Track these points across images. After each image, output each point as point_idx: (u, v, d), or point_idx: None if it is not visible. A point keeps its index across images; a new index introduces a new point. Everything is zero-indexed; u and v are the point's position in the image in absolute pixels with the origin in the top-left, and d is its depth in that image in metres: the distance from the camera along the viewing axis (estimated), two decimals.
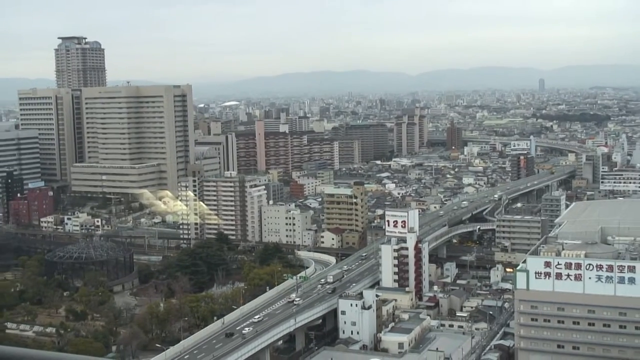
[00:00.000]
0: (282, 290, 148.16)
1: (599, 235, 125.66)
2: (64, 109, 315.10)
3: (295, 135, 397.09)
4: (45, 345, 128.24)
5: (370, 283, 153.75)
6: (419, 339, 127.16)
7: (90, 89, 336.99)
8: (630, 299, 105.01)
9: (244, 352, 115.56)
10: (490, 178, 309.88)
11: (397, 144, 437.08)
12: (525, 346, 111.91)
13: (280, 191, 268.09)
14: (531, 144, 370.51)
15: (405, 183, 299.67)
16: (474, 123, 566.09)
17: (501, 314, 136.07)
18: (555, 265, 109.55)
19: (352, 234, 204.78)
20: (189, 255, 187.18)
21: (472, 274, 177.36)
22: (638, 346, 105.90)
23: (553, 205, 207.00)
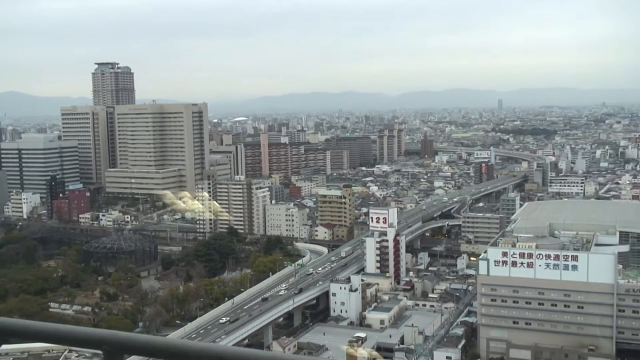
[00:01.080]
0: (282, 276, 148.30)
1: (548, 230, 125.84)
2: (99, 123, 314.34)
3: (294, 145, 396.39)
4: (82, 322, 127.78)
5: (356, 269, 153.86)
6: (397, 317, 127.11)
7: (121, 106, 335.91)
8: (573, 283, 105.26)
9: (250, 328, 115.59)
10: (457, 182, 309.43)
11: (380, 153, 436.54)
12: (486, 322, 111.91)
13: (281, 192, 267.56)
14: (491, 154, 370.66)
15: (386, 186, 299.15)
16: (443, 136, 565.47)
17: (466, 296, 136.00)
18: (511, 255, 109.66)
19: (342, 229, 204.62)
20: (204, 246, 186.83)
21: (441, 262, 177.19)
22: (580, 322, 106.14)
23: (509, 205, 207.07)
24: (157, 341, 5.19)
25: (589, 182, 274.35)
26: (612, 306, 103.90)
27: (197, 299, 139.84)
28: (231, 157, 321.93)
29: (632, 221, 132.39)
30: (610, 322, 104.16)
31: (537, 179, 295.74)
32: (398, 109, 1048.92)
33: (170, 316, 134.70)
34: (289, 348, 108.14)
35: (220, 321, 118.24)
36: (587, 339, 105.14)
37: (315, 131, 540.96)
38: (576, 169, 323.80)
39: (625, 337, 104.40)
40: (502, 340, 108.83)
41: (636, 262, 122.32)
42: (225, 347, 5.24)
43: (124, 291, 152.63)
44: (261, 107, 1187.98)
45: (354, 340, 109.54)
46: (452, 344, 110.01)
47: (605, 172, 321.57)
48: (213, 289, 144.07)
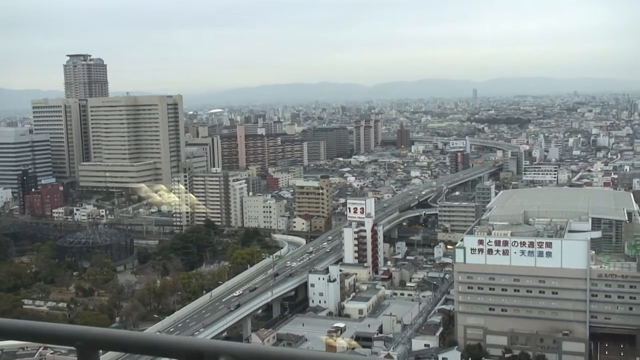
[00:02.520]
0: (260, 267, 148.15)
1: (522, 218, 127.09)
2: (72, 116, 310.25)
3: (270, 137, 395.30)
4: (57, 318, 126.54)
5: (334, 260, 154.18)
6: (375, 306, 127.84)
7: (94, 99, 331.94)
8: (547, 269, 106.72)
9: (229, 320, 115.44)
10: (433, 171, 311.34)
11: (356, 144, 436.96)
12: (463, 310, 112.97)
13: (258, 184, 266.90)
14: (466, 143, 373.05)
15: (363, 176, 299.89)
16: (419, 126, 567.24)
17: (443, 284, 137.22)
18: (487, 243, 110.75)
19: (319, 219, 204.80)
20: (181, 239, 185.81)
21: (419, 251, 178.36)
22: (554, 308, 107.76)
23: (484, 193, 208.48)
24: (133, 336, 5.13)
25: (562, 170, 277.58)
26: (585, 291, 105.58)
27: (175, 292, 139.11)
28: (207, 149, 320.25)
29: (603, 208, 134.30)
30: (584, 307, 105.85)
31: (512, 168, 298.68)
32: (374, 99, 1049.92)
33: (148, 310, 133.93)
34: (268, 339, 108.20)
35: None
36: (562, 324, 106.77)
37: (292, 122, 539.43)
38: (549, 157, 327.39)
39: (598, 321, 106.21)
40: (478, 327, 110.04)
41: (608, 247, 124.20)
42: (202, 340, 5.21)
43: (100, 286, 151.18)
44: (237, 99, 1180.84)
45: (333, 330, 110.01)
46: (430, 331, 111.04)
47: (577, 160, 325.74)
48: (190, 282, 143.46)
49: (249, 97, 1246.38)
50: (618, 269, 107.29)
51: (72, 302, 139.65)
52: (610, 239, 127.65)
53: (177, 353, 5.02)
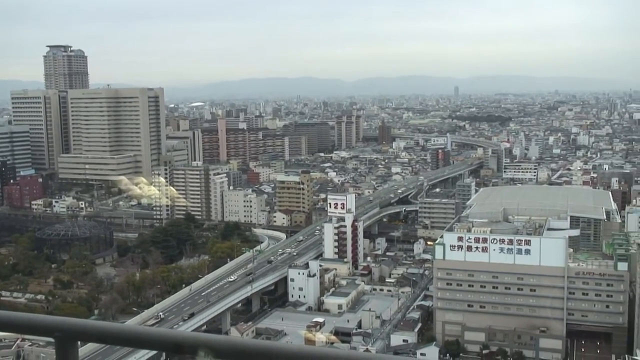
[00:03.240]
0: (240, 262, 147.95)
1: (502, 215, 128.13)
2: (51, 108, 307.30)
3: (252, 131, 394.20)
4: (35, 310, 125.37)
5: (314, 255, 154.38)
6: (355, 301, 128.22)
7: (74, 90, 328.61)
8: (526, 267, 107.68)
9: (208, 314, 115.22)
10: (414, 168, 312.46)
11: (338, 139, 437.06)
12: (442, 306, 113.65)
13: (239, 178, 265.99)
14: (447, 140, 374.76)
15: (344, 172, 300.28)
16: (401, 122, 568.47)
17: (422, 280, 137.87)
18: (467, 240, 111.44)
19: (300, 214, 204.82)
20: (161, 233, 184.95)
21: (399, 247, 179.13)
22: (532, 305, 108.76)
23: (465, 191, 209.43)
24: (111, 327, 5.11)
25: (541, 168, 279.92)
26: (562, 289, 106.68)
27: (154, 285, 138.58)
28: (188, 142, 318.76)
29: (582, 206, 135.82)
30: (561, 304, 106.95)
31: (492, 165, 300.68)
32: (356, 95, 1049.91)
33: (127, 303, 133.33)
34: (247, 334, 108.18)
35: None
36: (539, 321, 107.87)
37: (274, 117, 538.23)
38: (530, 155, 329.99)
39: (575, 319, 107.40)
40: (457, 323, 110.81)
41: (586, 245, 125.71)
42: (180, 332, 5.20)
43: (79, 279, 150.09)
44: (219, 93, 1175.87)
45: (312, 325, 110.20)
46: (409, 327, 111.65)
47: (557, 158, 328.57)
48: (170, 275, 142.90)
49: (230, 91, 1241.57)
50: (596, 267, 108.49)
51: (50, 294, 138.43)
52: (589, 238, 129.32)
53: (156, 345, 5.01)
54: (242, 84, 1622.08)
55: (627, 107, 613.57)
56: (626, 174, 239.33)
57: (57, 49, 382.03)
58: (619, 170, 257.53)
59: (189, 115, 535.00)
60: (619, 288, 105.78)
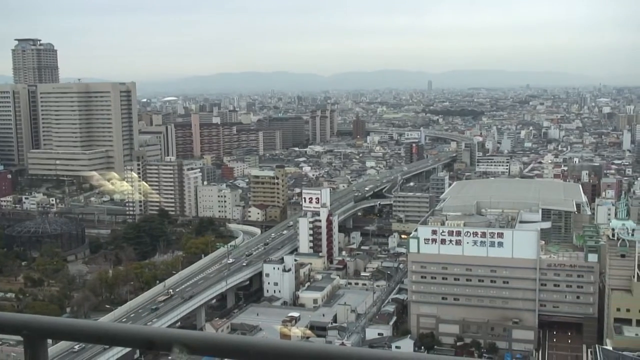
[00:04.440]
0: (215, 257, 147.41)
1: (475, 208, 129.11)
2: (20, 102, 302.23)
3: (225, 126, 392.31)
4: (5, 308, 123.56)
5: (289, 249, 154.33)
6: (330, 295, 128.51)
7: (44, 85, 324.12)
8: (499, 259, 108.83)
9: (182, 310, 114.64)
10: (388, 162, 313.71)
11: (312, 134, 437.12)
12: (416, 299, 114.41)
13: (213, 173, 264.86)
14: (421, 134, 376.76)
15: (319, 166, 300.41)
16: (375, 116, 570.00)
17: (397, 273, 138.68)
18: (441, 233, 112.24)
19: (275, 209, 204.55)
20: (134, 229, 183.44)
21: (373, 241, 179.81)
22: (505, 297, 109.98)
23: (438, 184, 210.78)
24: (82, 324, 5.02)
25: (514, 162, 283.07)
26: (535, 280, 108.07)
27: (127, 282, 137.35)
28: (161, 137, 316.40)
29: (553, 199, 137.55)
30: (533, 296, 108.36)
31: (465, 159, 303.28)
32: (330, 89, 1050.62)
33: (99, 301, 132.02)
34: (222, 329, 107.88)
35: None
36: (512, 312, 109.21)
37: (248, 111, 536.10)
38: (502, 149, 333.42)
39: (546, 310, 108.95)
40: (431, 316, 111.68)
41: (557, 237, 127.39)
42: (153, 328, 5.13)
43: (50, 276, 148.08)
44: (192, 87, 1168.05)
45: (288, 320, 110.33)
46: (384, 320, 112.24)
47: (529, 152, 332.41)
48: (144, 272, 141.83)
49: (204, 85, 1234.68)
50: (567, 259, 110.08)
51: (20, 292, 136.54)
52: (560, 230, 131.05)
53: (128, 341, 4.95)
54: (216, 78, 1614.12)
55: (597, 101, 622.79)
56: (596, 167, 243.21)
57: (26, 43, 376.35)
58: (588, 163, 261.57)
59: (161, 110, 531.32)
60: (589, 279, 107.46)
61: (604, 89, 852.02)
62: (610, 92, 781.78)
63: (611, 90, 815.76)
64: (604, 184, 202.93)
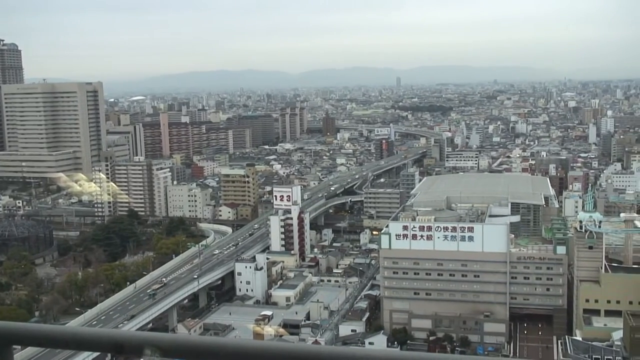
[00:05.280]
0: (186, 257, 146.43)
1: (445, 203, 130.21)
2: None
3: (195, 125, 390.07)
4: None
5: (261, 248, 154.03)
6: (303, 293, 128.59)
7: (8, 85, 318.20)
8: (469, 253, 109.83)
9: (154, 311, 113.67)
10: (358, 159, 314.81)
11: (282, 132, 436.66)
12: (389, 295, 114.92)
13: (183, 173, 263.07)
14: (391, 131, 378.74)
15: (289, 164, 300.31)
16: (345, 113, 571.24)
17: (369, 270, 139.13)
18: (412, 228, 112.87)
19: (246, 208, 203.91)
20: (103, 230, 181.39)
21: (345, 237, 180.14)
22: (476, 290, 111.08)
23: (409, 180, 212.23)
24: (48, 330, 4.90)
25: (482, 157, 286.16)
26: (505, 274, 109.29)
27: (97, 284, 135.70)
28: (129, 137, 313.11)
29: (522, 193, 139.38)
30: (504, 289, 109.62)
31: (435, 154, 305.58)
32: (300, 87, 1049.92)
33: (69, 304, 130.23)
34: (194, 329, 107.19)
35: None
36: (483, 306, 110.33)
37: (217, 110, 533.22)
38: (471, 144, 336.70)
39: (517, 302, 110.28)
40: (404, 311, 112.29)
41: (526, 231, 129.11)
42: (122, 331, 5.04)
43: (18, 280, 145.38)
44: (160, 86, 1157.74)
45: (261, 318, 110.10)
46: (357, 317, 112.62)
47: (497, 146, 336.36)
48: (114, 273, 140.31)
49: (172, 84, 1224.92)
50: (536, 252, 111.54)
51: None
52: (529, 223, 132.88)
53: (97, 346, 4.85)
54: (184, 77, 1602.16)
55: (563, 96, 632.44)
56: (563, 160, 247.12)
57: None
58: (556, 156, 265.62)
59: (129, 110, 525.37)
60: (558, 271, 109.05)
61: (570, 83, 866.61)
62: (576, 86, 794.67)
63: (576, 84, 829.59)
64: (571, 177, 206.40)
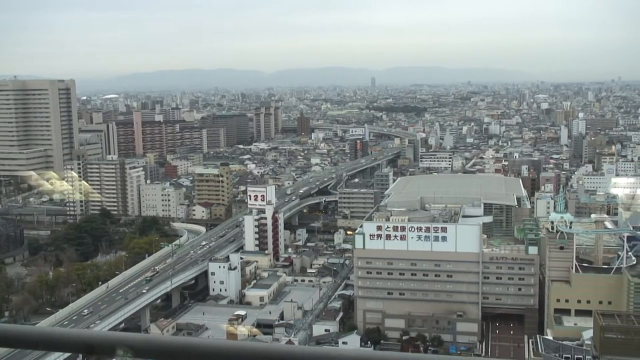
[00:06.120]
0: (159, 257, 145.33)
1: (419, 204, 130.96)
2: None
3: (168, 123, 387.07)
4: None
5: (235, 248, 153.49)
6: (277, 293, 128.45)
7: None
8: (443, 253, 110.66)
9: (126, 311, 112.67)
10: (333, 159, 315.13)
11: (257, 131, 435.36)
12: (362, 294, 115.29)
13: (156, 172, 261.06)
14: (365, 131, 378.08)
15: (264, 164, 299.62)
16: (319, 113, 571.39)
17: (343, 269, 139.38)
18: (385, 228, 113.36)
19: (220, 207, 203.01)
20: (75, 229, 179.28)
21: (319, 237, 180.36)
22: (449, 290, 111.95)
23: (383, 180, 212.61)
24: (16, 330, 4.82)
25: (456, 157, 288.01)
26: (478, 274, 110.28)
27: (69, 284, 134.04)
28: (102, 136, 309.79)
29: (494, 193, 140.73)
30: (477, 289, 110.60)
31: (409, 155, 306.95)
32: (274, 86, 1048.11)
33: (40, 304, 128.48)
34: (167, 330, 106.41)
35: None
36: (456, 306, 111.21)
37: (191, 109, 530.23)
38: (445, 145, 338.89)
39: (489, 302, 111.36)
40: (377, 311, 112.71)
41: (499, 231, 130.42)
42: (92, 331, 4.98)
43: None
44: (133, 84, 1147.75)
45: (234, 318, 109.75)
46: (331, 317, 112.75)
47: (470, 147, 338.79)
48: (86, 273, 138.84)
49: (145, 83, 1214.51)
50: (508, 252, 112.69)
51: None
52: (501, 223, 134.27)
53: (66, 346, 4.79)
54: (158, 76, 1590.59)
55: (535, 97, 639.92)
56: (535, 162, 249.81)
57: None
58: (528, 158, 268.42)
59: (102, 108, 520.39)
60: (530, 271, 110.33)
61: (542, 85, 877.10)
62: (548, 88, 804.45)
63: (549, 86, 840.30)
64: (543, 178, 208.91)
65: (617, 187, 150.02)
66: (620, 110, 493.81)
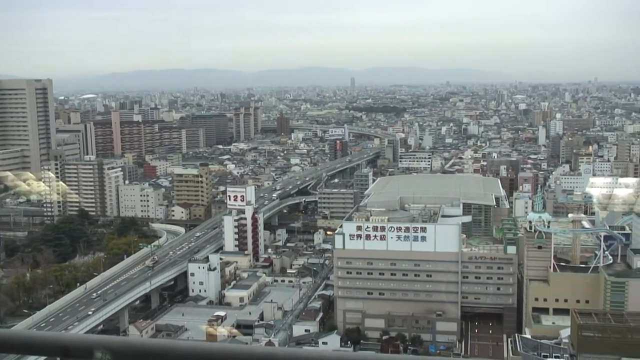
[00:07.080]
0: (138, 258, 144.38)
1: (399, 204, 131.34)
2: None
3: (147, 123, 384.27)
4: None
5: (215, 248, 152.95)
6: (256, 293, 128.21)
7: None
8: (422, 253, 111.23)
9: (104, 313, 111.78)
10: (313, 159, 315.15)
11: (236, 131, 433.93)
12: (342, 294, 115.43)
13: (135, 172, 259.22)
14: (345, 131, 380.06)
15: (243, 164, 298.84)
16: (299, 114, 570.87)
17: (323, 270, 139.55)
18: (365, 229, 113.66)
19: (199, 208, 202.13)
20: (52, 230, 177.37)
21: (299, 237, 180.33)
22: (428, 290, 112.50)
23: (362, 180, 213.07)
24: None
25: (435, 157, 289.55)
26: (457, 273, 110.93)
27: (46, 286, 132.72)
28: (80, 136, 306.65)
29: (473, 193, 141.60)
30: (456, 288, 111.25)
31: (388, 155, 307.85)
32: (254, 86, 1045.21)
33: (17, 305, 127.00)
34: (146, 331, 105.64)
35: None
36: (436, 305, 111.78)
37: (170, 109, 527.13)
38: (424, 145, 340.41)
39: (468, 302, 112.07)
40: (357, 311, 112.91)
41: (478, 231, 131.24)
42: (70, 334, 4.90)
43: None
44: (111, 84, 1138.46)
45: (214, 319, 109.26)
46: (311, 317, 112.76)
47: (449, 147, 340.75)
48: (63, 274, 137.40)
49: (123, 83, 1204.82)
50: (487, 252, 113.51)
51: None
52: (480, 223, 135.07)
53: (43, 349, 4.71)
54: (136, 76, 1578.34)
55: (513, 98, 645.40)
56: (513, 162, 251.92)
57: None
58: (506, 158, 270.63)
59: (80, 108, 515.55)
60: (508, 271, 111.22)
61: (520, 86, 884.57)
62: (526, 89, 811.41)
63: (526, 87, 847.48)
64: (521, 178, 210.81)
65: (594, 187, 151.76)
66: (596, 111, 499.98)
